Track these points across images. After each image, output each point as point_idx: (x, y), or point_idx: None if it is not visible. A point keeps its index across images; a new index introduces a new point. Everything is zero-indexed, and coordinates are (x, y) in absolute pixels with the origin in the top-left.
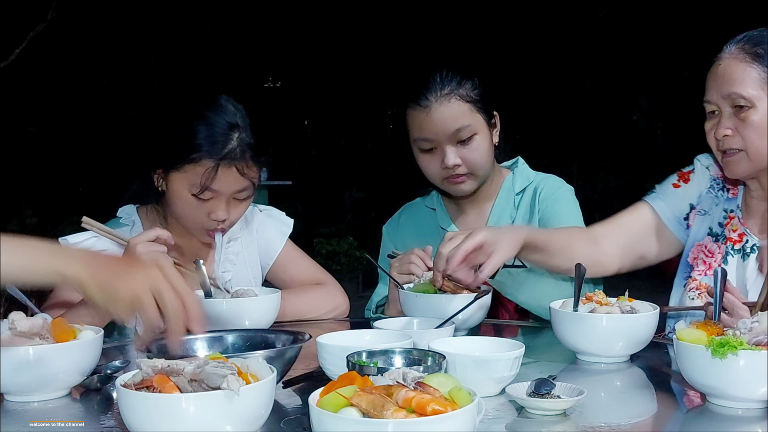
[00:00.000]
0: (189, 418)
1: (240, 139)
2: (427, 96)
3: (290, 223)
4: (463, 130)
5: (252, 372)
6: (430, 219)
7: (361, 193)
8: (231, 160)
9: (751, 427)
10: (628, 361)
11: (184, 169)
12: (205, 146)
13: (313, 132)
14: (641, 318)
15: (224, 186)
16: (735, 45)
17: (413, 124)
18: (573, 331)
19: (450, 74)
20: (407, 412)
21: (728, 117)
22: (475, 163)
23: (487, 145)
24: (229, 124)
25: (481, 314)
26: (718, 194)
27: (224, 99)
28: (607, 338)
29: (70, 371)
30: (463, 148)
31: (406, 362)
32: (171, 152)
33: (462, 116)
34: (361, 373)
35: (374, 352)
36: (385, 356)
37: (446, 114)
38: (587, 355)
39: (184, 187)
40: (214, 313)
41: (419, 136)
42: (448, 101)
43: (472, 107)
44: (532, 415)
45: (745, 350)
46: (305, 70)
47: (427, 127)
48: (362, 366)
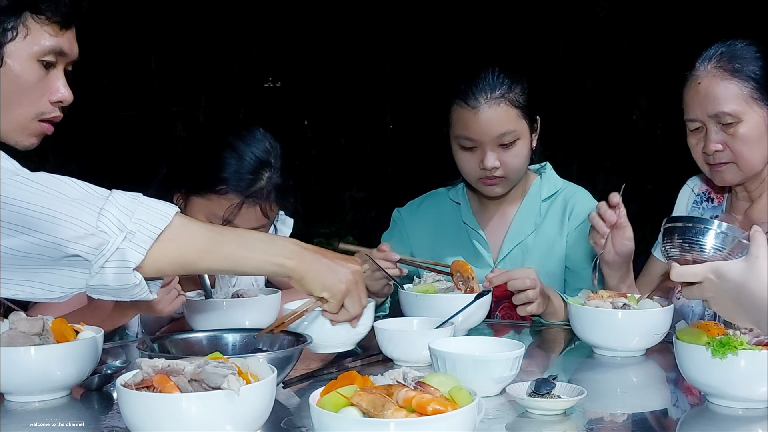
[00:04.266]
0: (189, 418)
1: (269, 178)
2: (476, 96)
3: (290, 224)
4: (507, 135)
5: (252, 372)
6: (453, 212)
7: (361, 193)
8: (256, 198)
9: (751, 427)
10: (644, 355)
11: (208, 197)
12: (232, 181)
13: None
14: (656, 313)
15: (244, 222)
16: (710, 62)
17: (458, 121)
18: (590, 325)
19: (502, 77)
20: (407, 412)
21: (716, 132)
22: (513, 167)
23: (527, 150)
24: (260, 161)
25: (481, 314)
26: (702, 205)
27: (260, 133)
28: (623, 333)
29: (70, 371)
30: (504, 152)
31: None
32: (197, 178)
33: (509, 121)
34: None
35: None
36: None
37: (493, 117)
38: (604, 350)
39: (202, 213)
40: (214, 313)
41: (462, 134)
42: (497, 105)
43: (519, 113)
44: (532, 415)
45: (746, 350)
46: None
47: (473, 127)
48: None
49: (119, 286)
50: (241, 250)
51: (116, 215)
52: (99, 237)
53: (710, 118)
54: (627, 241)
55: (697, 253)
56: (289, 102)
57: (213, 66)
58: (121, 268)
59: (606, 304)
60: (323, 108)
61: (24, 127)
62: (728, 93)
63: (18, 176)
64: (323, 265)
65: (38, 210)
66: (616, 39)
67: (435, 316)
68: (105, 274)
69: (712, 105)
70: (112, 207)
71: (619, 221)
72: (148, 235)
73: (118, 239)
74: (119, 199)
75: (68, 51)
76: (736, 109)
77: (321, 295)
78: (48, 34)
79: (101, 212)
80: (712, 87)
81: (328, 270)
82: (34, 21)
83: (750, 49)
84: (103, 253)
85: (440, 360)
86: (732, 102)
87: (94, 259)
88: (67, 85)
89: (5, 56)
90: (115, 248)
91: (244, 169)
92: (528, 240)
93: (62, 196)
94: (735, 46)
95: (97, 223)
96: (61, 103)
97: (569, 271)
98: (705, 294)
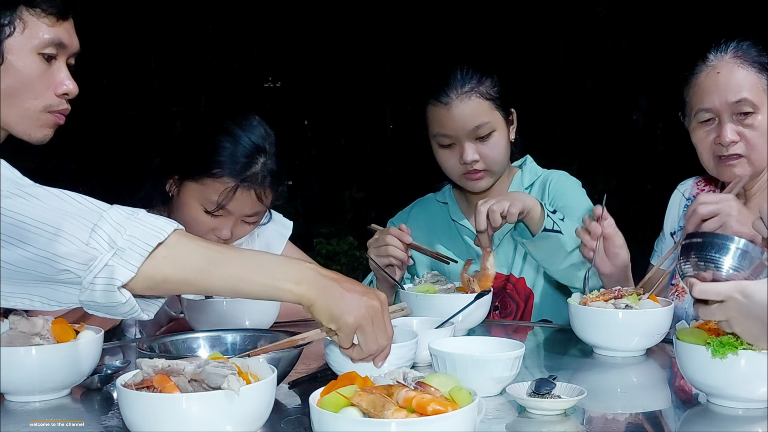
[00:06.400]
0: (189, 418)
1: (264, 164)
2: (447, 93)
3: (290, 225)
4: (482, 127)
5: (252, 372)
6: (442, 213)
7: (361, 193)
8: (251, 183)
9: (751, 427)
10: (644, 355)
11: (202, 181)
12: (227, 164)
13: (313, 132)
14: (656, 313)
15: (238, 208)
16: (727, 53)
17: (433, 119)
18: (589, 325)
19: (470, 72)
20: (408, 412)
21: (733, 122)
22: (493, 159)
23: (505, 142)
24: (255, 146)
25: (481, 314)
26: None
27: (257, 120)
28: (623, 333)
29: (70, 371)
30: (481, 145)
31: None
32: (192, 162)
33: (481, 113)
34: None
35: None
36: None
37: (466, 111)
38: (604, 350)
39: (196, 198)
40: (214, 313)
41: (439, 132)
42: (468, 98)
43: (492, 105)
44: (532, 415)
45: (746, 350)
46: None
47: (447, 123)
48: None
49: (107, 303)
50: (242, 272)
51: (108, 231)
52: (89, 253)
53: (728, 107)
54: (618, 249)
55: (715, 270)
56: (289, 102)
57: (213, 66)
58: (107, 285)
59: (606, 304)
60: (323, 108)
61: (34, 119)
62: (749, 81)
63: (17, 188)
64: (336, 293)
65: (34, 224)
66: (616, 39)
67: (435, 316)
68: (94, 290)
69: (733, 92)
70: (104, 224)
71: (606, 232)
72: (139, 252)
73: (106, 256)
74: (114, 215)
75: (68, 43)
76: (755, 97)
77: (329, 326)
78: (45, 26)
79: (94, 228)
80: (733, 75)
81: (340, 299)
82: (30, 14)
83: (758, 47)
84: (91, 269)
85: (440, 360)
86: (753, 90)
87: (83, 275)
88: (71, 77)
89: (5, 52)
90: (103, 265)
91: (239, 152)
92: (515, 229)
93: (58, 211)
94: (747, 41)
95: (89, 239)
96: (67, 96)
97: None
98: (728, 313)
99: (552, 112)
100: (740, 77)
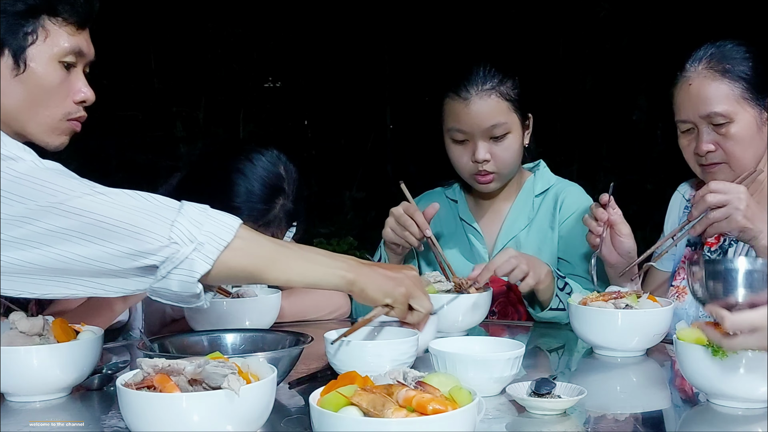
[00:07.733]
0: (189, 417)
1: (282, 206)
2: (468, 88)
3: (293, 228)
4: (498, 127)
5: (252, 372)
6: (450, 210)
7: (361, 193)
8: (267, 226)
9: (751, 427)
10: (644, 355)
11: None
12: (245, 211)
13: (313, 132)
14: (656, 313)
15: None
16: (701, 63)
17: (450, 113)
18: (589, 325)
19: (493, 70)
20: (408, 412)
21: (708, 133)
22: (504, 161)
23: (518, 145)
24: (274, 189)
25: (481, 314)
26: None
27: (276, 155)
28: (623, 333)
29: (70, 371)
30: (494, 145)
31: None
32: (208, 201)
33: (499, 113)
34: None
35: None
36: None
37: (484, 108)
38: (604, 350)
39: None
40: (214, 313)
41: (454, 126)
42: (488, 96)
43: (510, 106)
44: (532, 415)
45: (745, 350)
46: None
47: (464, 119)
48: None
49: (182, 292)
50: (304, 263)
51: (186, 227)
52: (171, 248)
53: (702, 119)
54: (624, 238)
55: (731, 297)
56: (289, 102)
57: (213, 66)
58: (187, 277)
59: (606, 304)
60: (323, 108)
61: (53, 128)
62: (719, 93)
63: (89, 188)
64: (380, 274)
65: (112, 222)
66: (616, 39)
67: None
68: (171, 280)
69: (704, 106)
70: (183, 219)
71: (612, 218)
72: (216, 246)
73: (188, 250)
74: (190, 211)
75: (86, 51)
76: (727, 109)
77: (385, 302)
78: (66, 35)
79: (173, 224)
80: (703, 88)
81: (385, 278)
82: (52, 23)
83: (739, 50)
84: (173, 261)
85: (440, 360)
86: (723, 102)
87: (164, 267)
88: (88, 84)
89: (28, 60)
90: (184, 258)
91: (255, 197)
92: (521, 235)
93: (132, 208)
94: (725, 47)
95: (170, 235)
96: (85, 103)
97: (564, 262)
98: (761, 343)
99: (552, 112)
100: (711, 90)
